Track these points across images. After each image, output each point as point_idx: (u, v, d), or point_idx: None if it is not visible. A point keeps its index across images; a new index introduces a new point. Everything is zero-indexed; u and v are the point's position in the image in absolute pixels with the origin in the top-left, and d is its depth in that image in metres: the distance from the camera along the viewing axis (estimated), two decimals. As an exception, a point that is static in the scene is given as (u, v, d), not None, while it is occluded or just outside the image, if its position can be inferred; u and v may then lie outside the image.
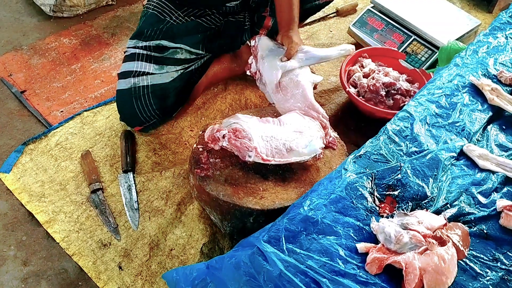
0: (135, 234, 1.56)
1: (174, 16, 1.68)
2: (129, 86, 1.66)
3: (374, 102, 1.83)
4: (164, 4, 1.69)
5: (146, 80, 1.66)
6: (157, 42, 1.67)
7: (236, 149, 1.40)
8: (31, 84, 2.00)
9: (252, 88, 2.00)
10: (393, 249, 1.07)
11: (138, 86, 1.65)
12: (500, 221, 1.15)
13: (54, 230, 1.56)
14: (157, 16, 1.67)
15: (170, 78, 1.69)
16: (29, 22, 2.29)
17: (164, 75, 1.67)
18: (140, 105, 1.67)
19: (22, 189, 1.66)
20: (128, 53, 1.71)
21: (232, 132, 1.42)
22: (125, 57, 1.72)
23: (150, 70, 1.67)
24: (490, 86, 1.42)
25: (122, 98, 1.70)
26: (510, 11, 1.70)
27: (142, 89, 1.65)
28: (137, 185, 1.68)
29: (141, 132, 1.78)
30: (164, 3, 1.69)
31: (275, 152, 1.42)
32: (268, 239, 1.08)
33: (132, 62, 1.68)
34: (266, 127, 1.47)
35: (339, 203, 1.15)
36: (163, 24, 1.66)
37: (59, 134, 1.81)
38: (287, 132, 1.47)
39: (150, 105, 1.67)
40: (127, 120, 1.76)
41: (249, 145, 1.39)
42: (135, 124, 1.73)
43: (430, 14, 2.15)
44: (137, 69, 1.67)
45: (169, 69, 1.68)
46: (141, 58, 1.68)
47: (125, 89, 1.67)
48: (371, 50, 2.03)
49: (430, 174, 1.24)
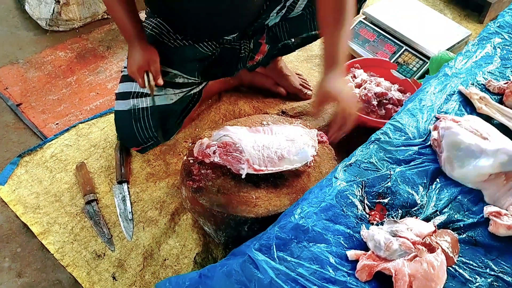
0: (129, 245, 1.57)
1: (172, 39, 1.67)
2: (128, 107, 1.64)
3: (366, 112, 1.85)
4: (162, 26, 1.68)
5: (146, 102, 1.65)
6: None
7: (229, 163, 1.43)
8: (27, 97, 2.02)
9: (245, 99, 2.02)
10: (383, 256, 1.08)
11: (138, 108, 1.64)
12: (489, 228, 1.16)
13: (48, 241, 1.57)
14: (154, 37, 1.67)
15: (170, 100, 1.67)
16: (26, 36, 2.31)
17: (163, 97, 1.66)
18: (139, 127, 1.66)
19: (17, 201, 1.67)
20: (126, 73, 1.69)
21: (222, 147, 1.44)
22: (123, 77, 1.70)
23: (149, 92, 1.66)
24: (478, 95, 1.44)
25: (121, 119, 1.69)
26: (498, 21, 1.73)
27: (141, 111, 1.64)
28: (132, 196, 1.69)
29: (139, 153, 1.79)
30: (162, 25, 1.69)
31: (267, 161, 1.44)
32: (259, 247, 1.09)
33: (130, 83, 1.66)
34: (257, 137, 1.49)
35: (329, 211, 1.17)
36: (159, 46, 1.65)
37: (54, 146, 1.82)
38: (278, 140, 1.48)
39: (150, 127, 1.66)
40: (125, 141, 1.76)
41: (241, 158, 1.41)
42: (133, 144, 1.72)
43: (421, 25, 2.18)
44: (136, 90, 1.66)
45: (167, 91, 1.67)
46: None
47: (124, 111, 1.65)
48: (363, 60, 2.06)
49: (419, 182, 1.25)
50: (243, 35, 1.73)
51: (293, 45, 1.89)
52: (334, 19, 1.40)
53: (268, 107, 2.01)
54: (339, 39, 1.39)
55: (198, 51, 1.68)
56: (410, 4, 2.31)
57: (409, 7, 2.28)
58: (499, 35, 1.67)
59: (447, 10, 2.56)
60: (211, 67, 1.73)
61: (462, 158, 1.24)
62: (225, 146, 1.44)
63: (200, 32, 1.66)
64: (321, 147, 1.61)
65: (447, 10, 2.56)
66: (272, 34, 1.79)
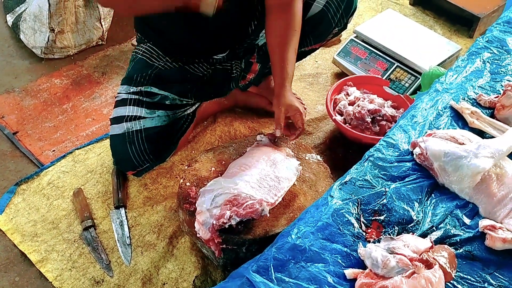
0: (128, 270, 1.56)
1: (162, 62, 1.69)
2: (122, 131, 1.66)
3: (361, 129, 1.86)
4: (152, 50, 1.71)
5: (139, 124, 1.66)
6: (147, 88, 1.68)
7: (249, 215, 1.35)
8: (23, 125, 2.03)
9: (241, 120, 2.03)
10: (380, 274, 1.08)
11: (132, 131, 1.66)
12: (485, 242, 1.16)
13: (47, 269, 1.56)
14: (145, 61, 1.69)
15: (163, 122, 1.69)
16: (21, 64, 2.33)
17: (156, 119, 1.67)
18: (134, 150, 1.67)
19: (15, 230, 1.66)
20: (119, 98, 1.71)
21: (231, 205, 1.35)
22: (117, 102, 1.72)
23: (142, 114, 1.67)
24: (470, 110, 1.45)
25: (116, 143, 1.70)
26: (487, 36, 1.76)
27: (135, 134, 1.66)
28: (129, 221, 1.69)
29: (135, 176, 1.79)
30: (152, 49, 1.71)
31: (272, 189, 1.44)
32: (257, 269, 1.09)
33: (124, 107, 1.69)
34: (247, 176, 1.46)
35: (326, 230, 1.17)
36: (151, 69, 1.67)
37: (51, 173, 1.83)
38: (264, 167, 1.49)
39: (144, 150, 1.67)
40: (121, 165, 1.76)
41: (253, 203, 1.35)
42: (129, 168, 1.73)
43: (412, 41, 2.21)
44: (129, 114, 1.67)
45: (160, 113, 1.69)
46: (132, 103, 1.69)
47: (119, 134, 1.67)
48: (355, 78, 2.08)
49: (415, 198, 1.26)
50: (233, 55, 1.76)
51: None
52: (281, 43, 1.61)
53: (263, 127, 2.02)
54: (287, 59, 1.61)
55: (190, 72, 1.70)
56: (400, 21, 2.34)
57: (399, 24, 2.31)
58: (488, 49, 1.69)
59: (437, 26, 2.59)
60: (204, 88, 1.76)
61: (453, 162, 1.26)
62: (233, 203, 1.36)
63: (189, 52, 1.68)
64: (316, 165, 1.62)
65: (437, 26, 2.60)
66: (262, 53, 1.82)
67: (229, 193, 1.38)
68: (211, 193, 1.40)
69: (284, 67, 1.61)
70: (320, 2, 1.76)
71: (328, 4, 1.75)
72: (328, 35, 1.87)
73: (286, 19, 1.60)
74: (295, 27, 1.61)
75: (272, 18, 1.62)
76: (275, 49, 1.64)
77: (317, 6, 1.76)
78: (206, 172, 1.55)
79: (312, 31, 1.80)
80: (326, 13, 1.76)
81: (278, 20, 1.61)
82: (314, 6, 1.76)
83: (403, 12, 2.61)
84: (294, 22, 1.61)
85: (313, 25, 1.78)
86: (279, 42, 1.62)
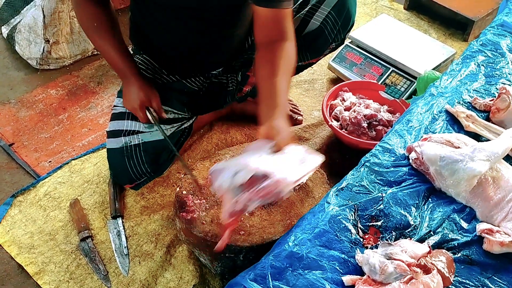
0: (126, 280, 1.55)
1: (158, 75, 1.68)
2: (120, 145, 1.65)
3: (357, 134, 1.86)
4: (148, 62, 1.70)
5: (137, 138, 1.65)
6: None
7: (268, 196, 1.13)
8: (19, 137, 2.03)
9: (237, 127, 2.03)
10: (378, 280, 1.07)
11: (130, 145, 1.64)
12: (483, 246, 1.16)
13: (44, 281, 1.55)
14: (141, 73, 1.69)
15: (161, 136, 1.67)
16: (16, 76, 2.33)
17: (155, 133, 1.66)
18: (132, 164, 1.66)
19: (12, 242, 1.65)
20: (116, 111, 1.70)
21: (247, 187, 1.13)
22: (113, 115, 1.71)
23: (140, 129, 1.66)
24: (465, 113, 1.45)
25: (113, 157, 1.69)
26: (481, 39, 1.76)
27: (133, 148, 1.65)
28: (126, 230, 1.68)
29: (132, 189, 1.79)
30: (149, 61, 1.71)
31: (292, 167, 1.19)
32: (254, 278, 1.09)
33: (121, 121, 1.67)
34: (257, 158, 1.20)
35: (323, 236, 1.17)
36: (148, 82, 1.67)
37: (47, 184, 1.82)
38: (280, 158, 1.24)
39: (142, 164, 1.67)
40: (119, 178, 1.76)
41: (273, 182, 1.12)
42: (126, 181, 1.72)
43: (407, 45, 2.22)
44: (127, 128, 1.66)
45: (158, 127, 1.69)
46: (130, 117, 1.67)
47: (116, 148, 1.66)
48: (351, 83, 2.08)
49: (412, 203, 1.25)
50: (229, 69, 1.76)
51: None
52: (269, 73, 1.38)
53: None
54: (275, 88, 1.35)
55: (186, 86, 1.70)
56: (395, 26, 2.35)
57: (394, 29, 2.32)
58: (482, 53, 1.70)
59: (431, 30, 2.60)
60: (200, 101, 1.75)
61: (449, 166, 1.26)
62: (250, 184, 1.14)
63: (185, 67, 1.68)
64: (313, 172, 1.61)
65: (432, 30, 2.60)
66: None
67: (248, 170, 1.14)
68: (229, 171, 1.16)
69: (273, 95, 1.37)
70: (317, 19, 1.75)
71: (325, 21, 1.75)
72: (325, 50, 1.87)
73: (272, 60, 1.40)
74: (283, 69, 1.40)
75: (259, 56, 1.45)
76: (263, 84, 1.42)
77: (315, 23, 1.76)
78: (202, 180, 1.55)
79: (309, 47, 1.80)
80: (323, 29, 1.76)
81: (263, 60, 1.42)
82: (312, 23, 1.76)
83: (397, 17, 2.62)
84: (281, 64, 1.40)
85: (310, 40, 1.78)
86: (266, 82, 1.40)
